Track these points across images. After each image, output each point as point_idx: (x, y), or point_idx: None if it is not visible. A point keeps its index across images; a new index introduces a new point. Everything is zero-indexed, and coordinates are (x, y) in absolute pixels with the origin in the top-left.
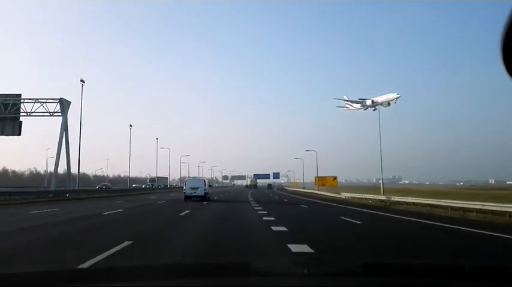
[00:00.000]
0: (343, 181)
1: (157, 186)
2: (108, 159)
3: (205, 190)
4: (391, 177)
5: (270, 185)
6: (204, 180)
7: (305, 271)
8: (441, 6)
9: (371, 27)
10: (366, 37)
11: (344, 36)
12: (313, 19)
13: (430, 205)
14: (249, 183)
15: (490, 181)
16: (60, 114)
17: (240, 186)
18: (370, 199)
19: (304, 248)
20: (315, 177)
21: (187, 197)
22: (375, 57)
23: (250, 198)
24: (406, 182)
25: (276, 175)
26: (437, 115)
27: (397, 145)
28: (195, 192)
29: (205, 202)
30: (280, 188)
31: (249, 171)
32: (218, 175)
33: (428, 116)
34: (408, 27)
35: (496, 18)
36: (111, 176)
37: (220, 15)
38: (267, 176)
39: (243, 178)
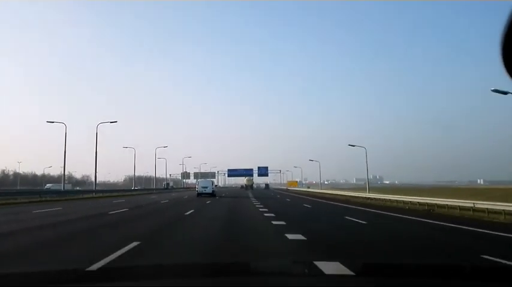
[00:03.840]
0: (325, 181)
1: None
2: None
3: (213, 188)
4: (371, 177)
5: (267, 186)
6: (212, 181)
7: (305, 270)
8: (438, 6)
9: (376, 26)
10: (360, 36)
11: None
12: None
13: None
14: (245, 183)
15: (479, 181)
16: None
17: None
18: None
19: None
20: None
21: (199, 194)
22: (363, 57)
23: None
24: (387, 182)
25: (263, 171)
26: (423, 115)
27: (377, 145)
28: (205, 190)
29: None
30: (279, 188)
31: (221, 166)
32: (176, 170)
33: (414, 115)
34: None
35: (495, 18)
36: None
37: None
38: (249, 172)
39: (212, 175)
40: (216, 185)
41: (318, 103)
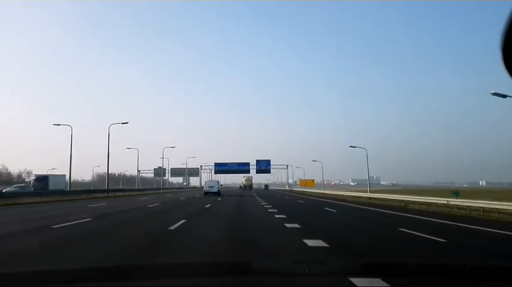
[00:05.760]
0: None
1: None
2: None
3: (218, 188)
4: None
5: (266, 186)
6: (218, 181)
7: (305, 270)
8: (439, 5)
9: (374, 28)
10: (359, 37)
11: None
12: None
13: None
14: (243, 182)
15: (481, 183)
16: None
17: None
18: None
19: None
20: None
21: (206, 193)
22: (362, 57)
23: None
24: (384, 183)
25: (264, 166)
26: (418, 116)
27: (374, 146)
28: (211, 189)
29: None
30: (278, 189)
31: (204, 159)
32: (147, 166)
33: (409, 117)
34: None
35: (495, 18)
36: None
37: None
38: (244, 167)
39: (194, 173)
40: (221, 185)
41: (314, 103)
